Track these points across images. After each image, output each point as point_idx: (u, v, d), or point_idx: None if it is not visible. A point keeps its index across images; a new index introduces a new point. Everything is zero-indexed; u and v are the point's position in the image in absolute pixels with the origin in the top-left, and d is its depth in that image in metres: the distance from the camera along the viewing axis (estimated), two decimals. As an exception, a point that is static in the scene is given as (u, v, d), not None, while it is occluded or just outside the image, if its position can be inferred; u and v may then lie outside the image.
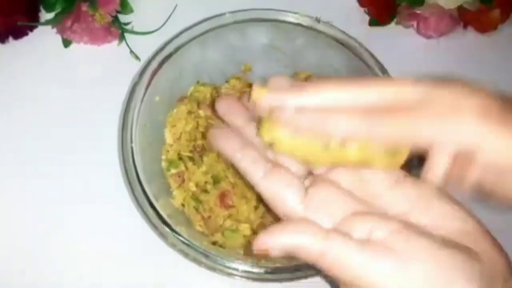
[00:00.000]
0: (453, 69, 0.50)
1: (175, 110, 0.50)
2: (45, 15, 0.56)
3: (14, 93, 0.54)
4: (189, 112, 0.49)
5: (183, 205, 0.47)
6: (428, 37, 0.59)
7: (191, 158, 0.48)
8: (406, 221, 0.28)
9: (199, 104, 0.50)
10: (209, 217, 0.46)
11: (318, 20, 0.48)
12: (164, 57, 0.46)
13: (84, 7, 0.53)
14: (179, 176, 0.48)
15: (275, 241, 0.28)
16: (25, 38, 0.55)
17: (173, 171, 0.48)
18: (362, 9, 0.60)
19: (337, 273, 0.27)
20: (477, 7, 0.56)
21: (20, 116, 0.53)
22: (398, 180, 0.30)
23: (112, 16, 0.54)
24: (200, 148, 0.49)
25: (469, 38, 0.59)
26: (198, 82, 0.51)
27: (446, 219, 0.29)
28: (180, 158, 0.48)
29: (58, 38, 0.56)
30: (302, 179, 0.30)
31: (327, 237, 0.27)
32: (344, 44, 0.48)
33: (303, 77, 0.52)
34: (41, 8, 0.56)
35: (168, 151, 0.49)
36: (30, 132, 0.52)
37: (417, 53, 0.58)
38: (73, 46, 0.56)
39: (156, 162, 0.48)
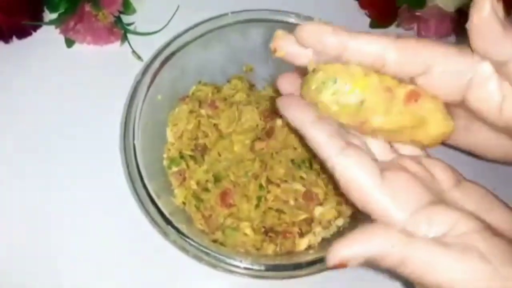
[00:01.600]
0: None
1: (176, 109, 0.50)
2: (48, 15, 0.56)
3: (17, 92, 0.54)
4: (191, 111, 0.50)
5: (184, 203, 0.47)
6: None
7: (193, 157, 0.48)
8: (481, 219, 0.27)
9: (200, 104, 0.50)
10: (210, 215, 0.47)
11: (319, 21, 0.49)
12: (166, 56, 0.47)
13: (88, 8, 0.53)
14: (180, 175, 0.48)
15: (353, 253, 0.27)
16: (28, 38, 0.56)
17: (174, 169, 0.48)
18: (362, 11, 0.60)
19: (419, 278, 0.27)
20: (477, 9, 0.56)
21: (22, 115, 0.53)
22: (461, 180, 0.30)
23: (115, 17, 0.54)
24: (202, 147, 0.49)
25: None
26: (200, 82, 0.52)
27: (507, 222, 0.28)
28: (182, 157, 0.48)
29: (61, 38, 0.56)
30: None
31: (408, 243, 0.26)
32: None
33: None
34: (45, 8, 0.56)
35: (169, 149, 0.49)
36: (32, 131, 0.53)
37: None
38: (76, 46, 0.56)
39: (157, 160, 0.48)
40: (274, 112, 0.49)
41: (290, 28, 0.49)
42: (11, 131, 0.52)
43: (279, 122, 0.49)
